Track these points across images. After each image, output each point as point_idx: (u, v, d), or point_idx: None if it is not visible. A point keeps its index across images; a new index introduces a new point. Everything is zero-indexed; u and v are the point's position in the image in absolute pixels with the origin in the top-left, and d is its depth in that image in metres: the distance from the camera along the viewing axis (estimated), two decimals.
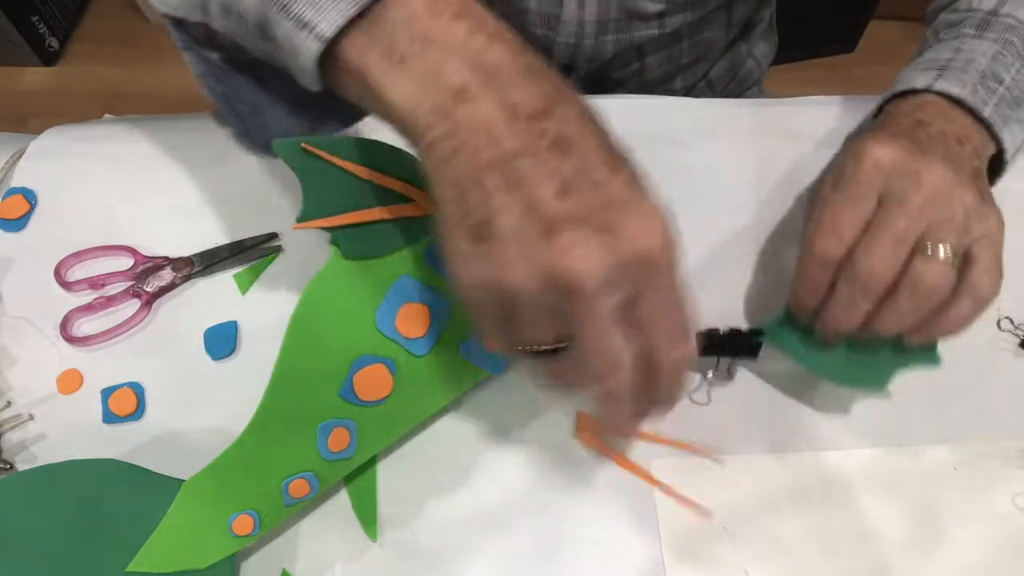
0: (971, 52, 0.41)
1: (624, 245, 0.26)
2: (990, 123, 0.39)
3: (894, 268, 0.35)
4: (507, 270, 0.27)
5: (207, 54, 0.37)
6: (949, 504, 0.40)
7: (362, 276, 0.36)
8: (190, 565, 0.35)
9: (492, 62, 0.28)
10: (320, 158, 0.33)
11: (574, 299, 0.27)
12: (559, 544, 0.39)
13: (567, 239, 0.26)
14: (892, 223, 0.36)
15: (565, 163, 0.27)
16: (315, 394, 0.35)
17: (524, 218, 0.26)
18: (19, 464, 0.41)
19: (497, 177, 0.27)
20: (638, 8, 0.54)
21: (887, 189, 0.36)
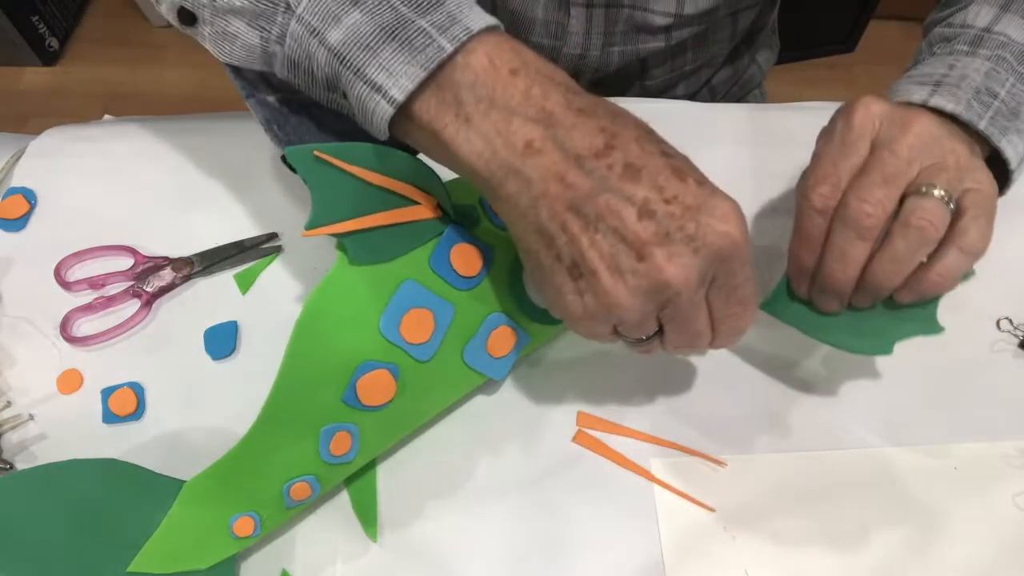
0: (964, 68, 0.41)
1: (709, 248, 0.30)
2: (987, 135, 0.39)
3: (884, 207, 0.35)
4: (609, 297, 0.30)
5: (265, 96, 0.39)
6: (949, 504, 0.40)
7: (367, 281, 0.36)
8: (190, 566, 0.35)
9: (549, 110, 0.31)
10: (330, 164, 0.33)
11: (672, 302, 0.31)
12: (559, 544, 0.39)
13: (660, 257, 0.29)
14: (882, 163, 0.36)
15: (637, 188, 0.30)
16: (318, 398, 0.35)
17: (615, 247, 0.30)
18: (19, 464, 0.41)
19: (578, 217, 0.30)
20: (646, 21, 0.54)
21: (877, 136, 0.37)
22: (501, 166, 0.31)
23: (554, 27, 0.55)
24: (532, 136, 0.30)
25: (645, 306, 0.31)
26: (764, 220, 0.48)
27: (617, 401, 0.43)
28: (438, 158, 0.34)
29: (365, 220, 0.35)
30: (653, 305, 0.31)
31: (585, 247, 0.30)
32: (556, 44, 0.56)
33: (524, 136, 0.30)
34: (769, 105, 0.54)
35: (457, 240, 0.37)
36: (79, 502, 0.35)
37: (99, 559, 0.35)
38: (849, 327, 0.39)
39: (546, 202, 0.30)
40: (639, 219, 0.29)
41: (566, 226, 0.30)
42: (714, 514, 0.40)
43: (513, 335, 0.39)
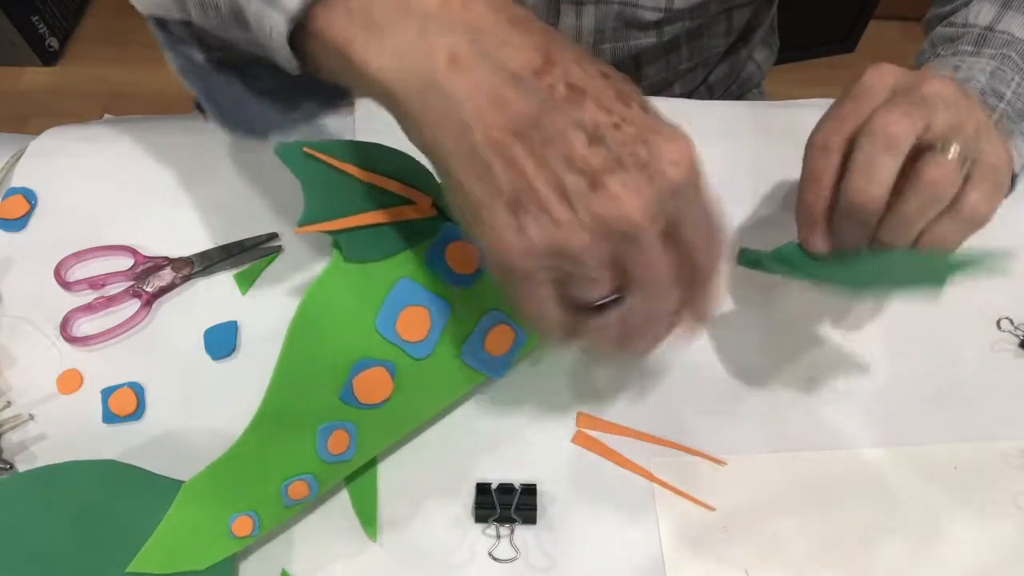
0: (969, 70, 0.41)
1: (663, 176, 0.27)
2: None
3: (911, 128, 0.33)
4: (562, 231, 0.26)
5: (192, 52, 0.36)
6: (949, 504, 0.40)
7: (363, 279, 0.36)
8: (190, 566, 0.35)
9: (474, 22, 0.27)
10: (321, 162, 0.33)
11: (630, 239, 0.27)
12: (559, 544, 0.39)
13: (614, 186, 0.26)
14: (904, 99, 0.34)
15: (583, 111, 0.26)
16: (315, 396, 0.35)
17: (564, 176, 0.26)
18: (19, 464, 0.41)
19: (521, 144, 0.26)
20: (636, 17, 0.54)
21: (895, 87, 0.35)
22: (421, 85, 0.27)
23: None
24: (457, 49, 0.26)
25: (601, 246, 0.27)
26: (764, 218, 0.48)
27: (617, 401, 0.43)
28: (353, 84, 0.29)
29: (359, 218, 0.35)
30: (610, 246, 0.27)
31: (531, 176, 0.26)
32: None
33: (447, 48, 0.26)
34: (769, 103, 0.54)
35: (452, 238, 0.37)
36: (79, 503, 0.35)
37: (98, 560, 0.35)
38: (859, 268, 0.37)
39: (481, 127, 0.26)
40: (589, 145, 0.26)
41: (506, 153, 0.26)
42: (714, 514, 0.40)
43: (512, 333, 0.39)
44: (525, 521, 0.39)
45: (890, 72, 0.36)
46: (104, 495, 0.36)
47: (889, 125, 0.33)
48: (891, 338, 0.45)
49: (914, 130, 0.33)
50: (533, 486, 0.40)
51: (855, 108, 0.35)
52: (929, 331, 0.45)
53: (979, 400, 0.43)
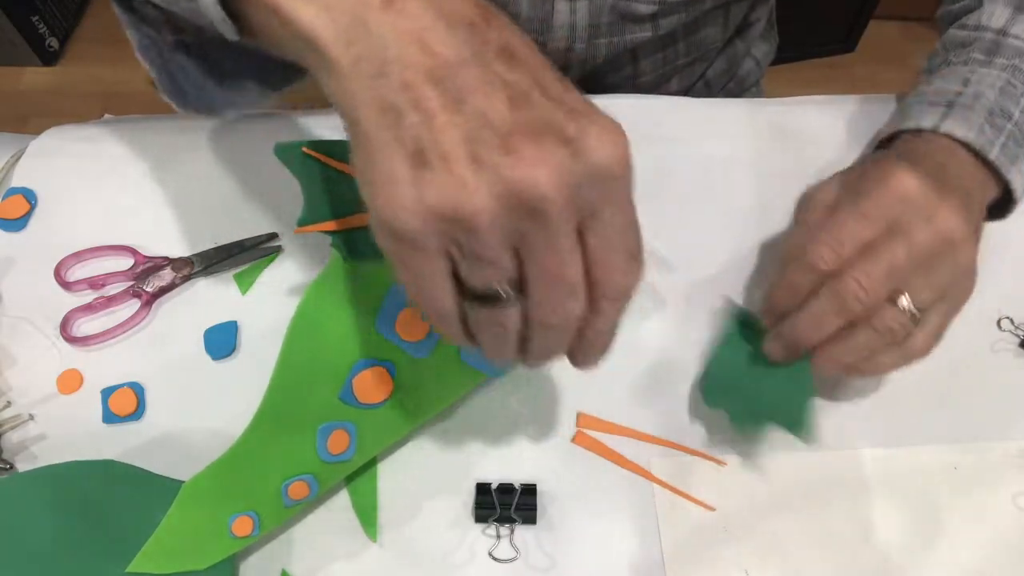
0: (979, 84, 0.41)
1: (587, 156, 0.24)
2: (996, 166, 0.39)
3: (877, 298, 0.35)
4: (464, 191, 0.23)
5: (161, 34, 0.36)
6: (949, 504, 0.40)
7: (362, 279, 0.36)
8: (190, 566, 0.35)
9: None
10: (320, 162, 0.33)
11: (537, 217, 0.24)
12: (559, 544, 0.39)
13: (529, 152, 0.23)
14: (894, 255, 0.35)
15: (514, 73, 0.24)
16: (315, 396, 0.35)
17: (477, 133, 0.24)
18: (19, 464, 0.41)
19: (438, 91, 0.24)
20: (630, 10, 0.54)
21: (901, 217, 0.35)
22: (348, 25, 0.25)
23: (538, 22, 0.55)
24: None
25: (503, 215, 0.24)
26: (764, 217, 0.48)
27: (617, 401, 0.43)
28: (285, 43, 0.27)
29: (358, 218, 0.35)
30: (513, 221, 0.24)
31: (440, 127, 0.24)
32: (541, 39, 0.56)
33: None
34: (768, 100, 0.54)
35: None
36: (79, 503, 0.36)
37: (99, 560, 0.35)
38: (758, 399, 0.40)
39: (399, 68, 0.24)
40: (510, 107, 0.24)
41: (420, 100, 0.24)
42: (714, 514, 0.40)
43: None
44: (525, 521, 0.39)
45: (914, 191, 0.36)
46: (104, 495, 0.36)
47: (853, 301, 0.35)
48: None
49: (885, 295, 0.35)
50: (533, 486, 0.40)
51: (860, 233, 0.36)
52: None
53: (979, 400, 0.43)
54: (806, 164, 0.50)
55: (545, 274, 0.26)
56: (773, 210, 0.48)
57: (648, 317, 0.45)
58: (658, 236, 0.48)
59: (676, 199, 0.49)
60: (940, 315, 0.37)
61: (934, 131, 0.39)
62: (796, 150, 0.51)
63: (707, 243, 0.48)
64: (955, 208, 0.35)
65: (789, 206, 0.48)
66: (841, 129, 0.51)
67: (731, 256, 0.47)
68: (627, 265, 0.27)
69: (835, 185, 0.40)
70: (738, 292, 0.46)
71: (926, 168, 0.37)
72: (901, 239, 0.35)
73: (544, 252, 0.25)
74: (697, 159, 0.50)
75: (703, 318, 0.45)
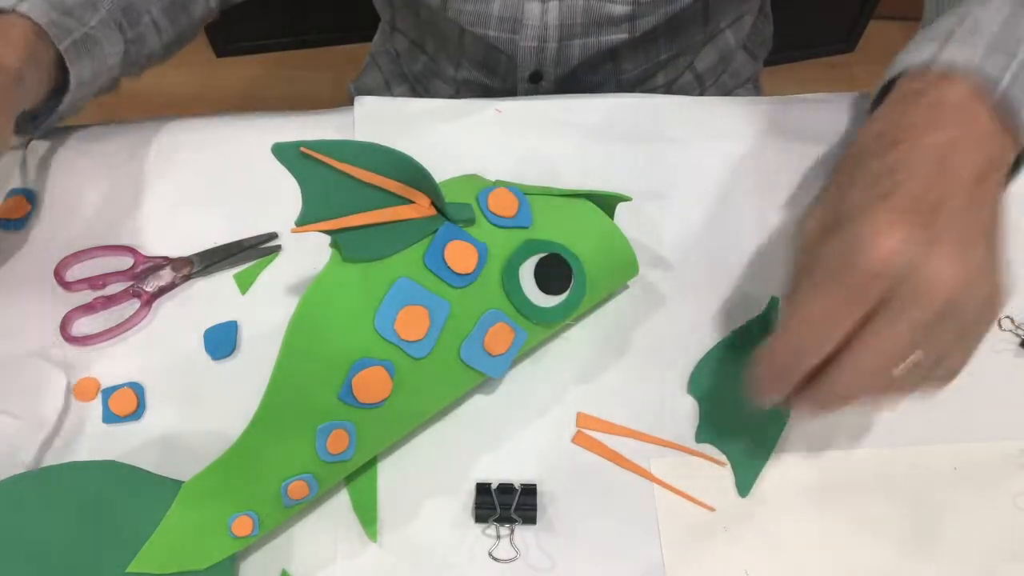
0: (978, 16, 0.36)
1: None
2: (1010, 101, 0.33)
3: (871, 390, 0.32)
4: None
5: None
6: (949, 504, 0.40)
7: (361, 278, 0.36)
8: (190, 566, 0.35)
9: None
10: (318, 161, 0.33)
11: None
12: (559, 544, 0.39)
13: None
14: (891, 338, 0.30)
15: None
16: (314, 396, 0.35)
17: None
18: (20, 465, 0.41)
19: None
20: (604, 11, 0.53)
21: (892, 292, 0.30)
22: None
23: (509, 21, 0.55)
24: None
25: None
26: (764, 216, 0.48)
27: (617, 401, 0.43)
28: None
29: (357, 218, 0.35)
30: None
31: None
32: (512, 37, 0.56)
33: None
34: (768, 99, 0.54)
35: (452, 237, 0.37)
36: (79, 503, 0.36)
37: (99, 560, 0.35)
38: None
39: None
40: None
41: None
42: (714, 514, 0.40)
43: (511, 332, 0.39)
44: (525, 521, 0.39)
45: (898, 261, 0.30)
46: (104, 495, 0.36)
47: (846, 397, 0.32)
48: None
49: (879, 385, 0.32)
50: (533, 486, 0.40)
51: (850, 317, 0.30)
52: None
53: (979, 400, 0.43)
54: (806, 163, 0.50)
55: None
56: (773, 209, 0.48)
57: (648, 317, 0.45)
58: (658, 236, 0.48)
59: (676, 199, 0.49)
60: (958, 356, 0.32)
61: (931, 65, 0.34)
62: (796, 149, 0.51)
63: (707, 242, 0.48)
64: (951, 255, 0.30)
65: (789, 205, 0.48)
66: (841, 128, 0.51)
67: (731, 256, 0.47)
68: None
69: (820, 214, 0.34)
70: (738, 292, 0.46)
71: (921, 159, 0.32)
72: (898, 315, 0.30)
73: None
74: (697, 159, 0.50)
75: (703, 318, 0.45)
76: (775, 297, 0.43)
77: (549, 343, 0.44)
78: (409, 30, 0.66)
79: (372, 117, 0.52)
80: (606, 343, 0.44)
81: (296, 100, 1.49)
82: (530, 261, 0.39)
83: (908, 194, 0.31)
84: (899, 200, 0.31)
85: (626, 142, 0.51)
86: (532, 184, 0.43)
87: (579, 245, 0.41)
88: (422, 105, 0.53)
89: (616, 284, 0.45)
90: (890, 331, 0.30)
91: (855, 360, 0.31)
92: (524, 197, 0.41)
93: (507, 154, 0.50)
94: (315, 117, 0.53)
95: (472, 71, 0.62)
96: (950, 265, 0.30)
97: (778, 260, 0.47)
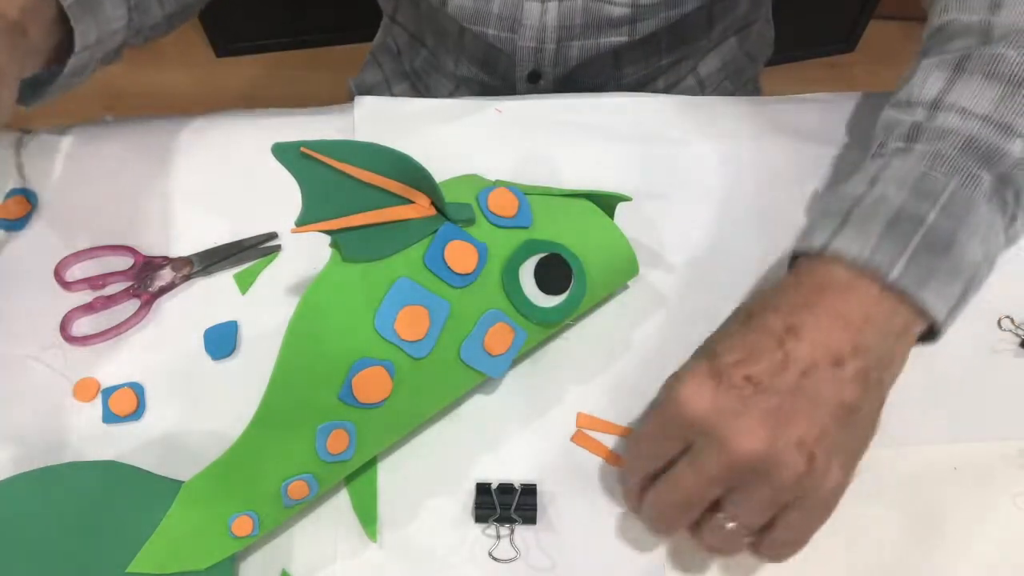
0: (886, 183, 0.35)
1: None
2: (902, 288, 0.32)
3: (677, 525, 0.34)
4: None
5: None
6: (949, 504, 0.40)
7: (361, 278, 0.36)
8: (190, 566, 0.35)
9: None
10: (318, 161, 0.33)
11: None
12: (559, 544, 0.39)
13: None
14: (681, 484, 0.33)
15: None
16: (314, 396, 0.35)
17: None
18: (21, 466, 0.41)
19: None
20: (603, 12, 0.53)
21: (694, 440, 0.33)
22: None
23: (508, 20, 0.55)
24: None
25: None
26: (764, 216, 0.48)
27: (617, 401, 0.43)
28: None
29: (356, 218, 0.35)
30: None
31: None
32: (511, 37, 0.56)
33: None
34: (768, 99, 0.54)
35: (452, 238, 0.37)
36: (79, 503, 0.36)
37: (98, 560, 0.35)
38: None
39: None
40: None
41: None
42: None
43: (510, 332, 0.39)
44: (525, 521, 0.39)
45: (694, 414, 0.32)
46: (104, 495, 0.36)
47: (655, 527, 0.36)
48: None
49: (684, 521, 0.35)
50: (533, 486, 0.40)
51: (661, 453, 0.34)
52: None
53: (979, 400, 0.43)
54: (806, 163, 0.50)
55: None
56: (773, 209, 0.48)
57: (648, 317, 0.45)
58: (658, 235, 0.48)
59: (676, 198, 0.49)
60: (787, 533, 0.34)
61: (822, 252, 0.34)
62: (796, 149, 0.50)
63: (707, 242, 0.48)
64: (752, 428, 0.31)
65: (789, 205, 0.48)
66: (841, 128, 0.51)
67: (731, 256, 0.47)
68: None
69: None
70: (738, 292, 0.46)
71: (768, 335, 0.33)
72: (688, 465, 0.33)
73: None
74: (697, 158, 0.50)
75: (703, 318, 0.45)
76: None
77: (549, 343, 0.44)
78: (409, 23, 0.66)
79: (372, 117, 0.52)
80: (606, 343, 0.44)
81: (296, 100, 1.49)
82: (530, 261, 0.39)
83: (733, 362, 0.33)
84: (723, 365, 0.33)
85: (626, 142, 0.51)
86: (532, 184, 0.43)
87: (579, 245, 0.41)
88: (422, 105, 0.53)
89: (616, 284, 0.45)
90: (684, 471, 0.33)
91: (657, 488, 0.34)
92: (524, 197, 0.41)
93: (507, 154, 0.50)
94: (314, 117, 0.53)
95: (471, 68, 0.62)
96: (749, 436, 0.31)
97: (778, 260, 0.47)
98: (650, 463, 0.35)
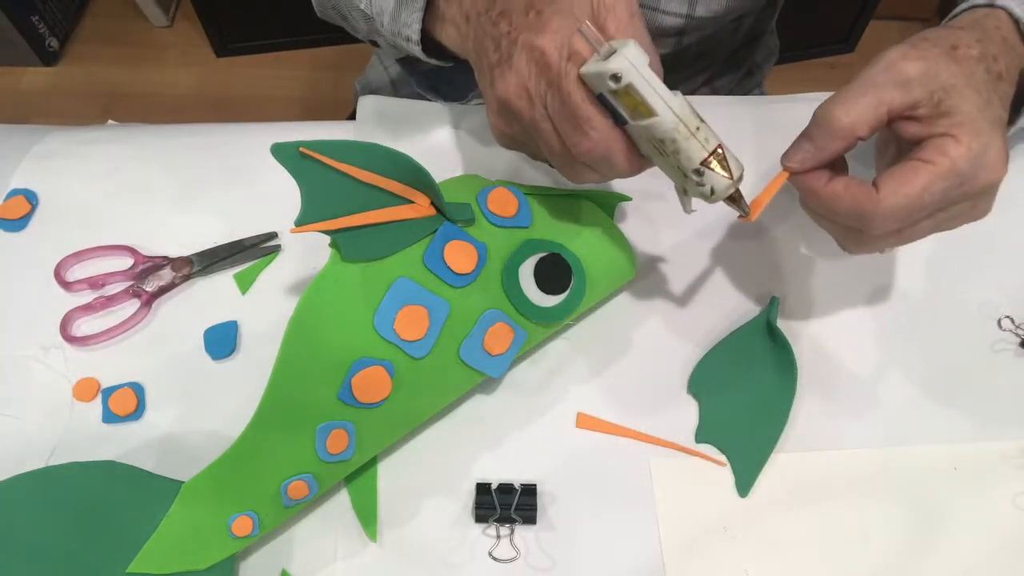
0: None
1: (520, 60, 0.34)
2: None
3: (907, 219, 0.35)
4: (488, 117, 0.39)
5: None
6: (949, 504, 0.40)
7: (361, 278, 0.36)
8: (190, 566, 0.35)
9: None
10: (317, 161, 0.33)
11: (519, 118, 0.36)
12: (559, 544, 0.39)
13: (496, 78, 0.36)
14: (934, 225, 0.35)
15: (499, 27, 0.36)
16: (314, 396, 0.35)
17: (489, 74, 0.37)
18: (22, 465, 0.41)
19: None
20: (655, 23, 0.53)
21: (974, 195, 0.34)
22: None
23: None
24: None
25: (507, 123, 0.37)
26: (764, 216, 0.48)
27: (617, 401, 0.43)
28: None
29: (356, 218, 0.35)
30: (508, 120, 0.37)
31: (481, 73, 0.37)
32: None
33: None
34: (769, 98, 0.54)
35: (451, 237, 0.37)
36: (79, 504, 0.35)
37: (99, 560, 0.35)
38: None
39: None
40: (495, 50, 0.36)
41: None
42: (714, 514, 0.40)
43: (510, 332, 0.39)
44: (525, 521, 0.39)
45: (959, 164, 0.34)
46: (104, 496, 0.36)
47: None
48: (891, 338, 0.45)
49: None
50: (533, 486, 0.40)
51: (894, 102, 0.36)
52: (929, 330, 0.45)
53: (979, 400, 0.43)
54: None
55: (542, 143, 0.37)
56: (774, 209, 0.48)
57: (648, 317, 0.45)
58: (658, 236, 0.48)
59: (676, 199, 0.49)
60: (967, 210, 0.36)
61: (991, 5, 0.37)
62: None
63: (707, 243, 0.48)
64: (1001, 146, 0.34)
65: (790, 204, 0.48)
66: None
67: (731, 256, 0.47)
68: (571, 133, 0.35)
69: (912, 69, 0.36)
70: (737, 292, 0.46)
71: (978, 79, 0.35)
72: (947, 215, 0.35)
73: (535, 134, 0.36)
74: None
75: (703, 318, 0.45)
76: (775, 297, 0.43)
77: (549, 343, 0.44)
78: None
79: (373, 117, 0.52)
80: (606, 343, 0.44)
81: (296, 100, 1.49)
82: (530, 261, 0.39)
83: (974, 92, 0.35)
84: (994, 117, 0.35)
85: None
86: (532, 184, 0.43)
87: (579, 245, 0.41)
88: (423, 106, 0.53)
89: (616, 284, 0.45)
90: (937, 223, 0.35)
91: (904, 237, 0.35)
92: (524, 197, 0.41)
93: (507, 154, 0.50)
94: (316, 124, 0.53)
95: None
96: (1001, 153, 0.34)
97: (778, 260, 0.47)
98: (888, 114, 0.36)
